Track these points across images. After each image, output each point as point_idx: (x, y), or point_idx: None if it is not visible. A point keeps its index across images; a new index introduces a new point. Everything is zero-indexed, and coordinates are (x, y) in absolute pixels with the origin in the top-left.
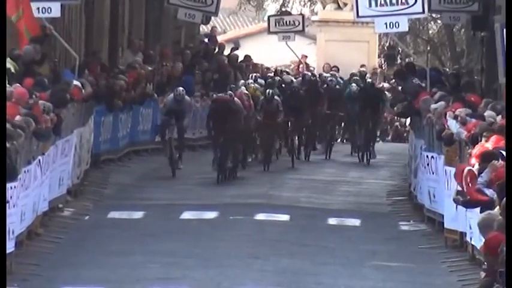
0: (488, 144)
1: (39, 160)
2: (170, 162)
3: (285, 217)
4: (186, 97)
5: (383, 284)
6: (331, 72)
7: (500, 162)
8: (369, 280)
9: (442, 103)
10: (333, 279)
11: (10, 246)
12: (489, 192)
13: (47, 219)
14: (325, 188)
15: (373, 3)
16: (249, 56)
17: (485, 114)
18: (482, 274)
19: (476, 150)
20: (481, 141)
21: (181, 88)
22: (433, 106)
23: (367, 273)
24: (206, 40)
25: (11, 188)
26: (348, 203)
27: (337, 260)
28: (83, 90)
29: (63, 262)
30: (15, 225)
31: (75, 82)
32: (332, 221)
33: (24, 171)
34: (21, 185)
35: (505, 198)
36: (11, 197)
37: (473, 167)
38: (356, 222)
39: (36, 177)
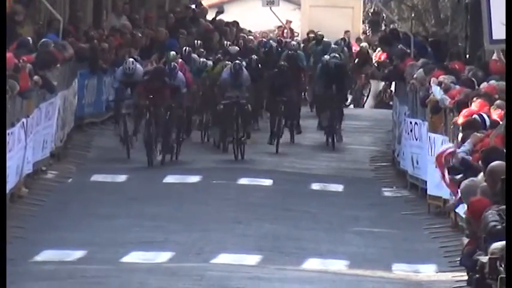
0: (473, 107)
1: (23, 122)
2: (124, 141)
3: (268, 182)
4: (139, 67)
5: (365, 250)
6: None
7: (482, 132)
8: (351, 246)
9: (421, 70)
10: (315, 244)
11: None
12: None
13: (31, 182)
14: (308, 154)
15: None
16: (237, 22)
17: (497, 102)
18: (465, 240)
19: (462, 115)
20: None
21: (131, 59)
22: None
23: (349, 239)
24: (193, 6)
25: None
26: (331, 168)
27: (320, 225)
28: (65, 52)
29: (46, 225)
30: None
31: (54, 44)
32: (315, 186)
33: (8, 134)
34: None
35: (488, 166)
36: None
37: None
38: (339, 187)
39: (20, 139)
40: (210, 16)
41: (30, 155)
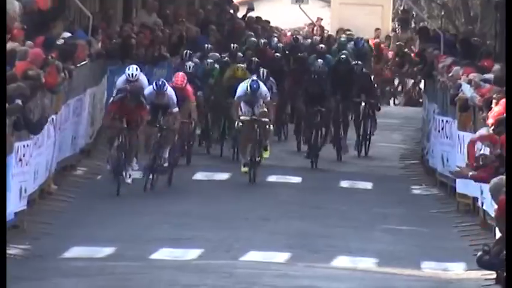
0: (499, 107)
1: (53, 119)
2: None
3: (296, 179)
4: (143, 77)
5: (394, 248)
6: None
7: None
8: (380, 243)
9: (457, 68)
10: (344, 242)
11: (22, 205)
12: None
13: (60, 178)
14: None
15: None
16: (268, 21)
17: None
18: (497, 235)
19: (491, 114)
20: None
21: (135, 66)
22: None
23: (378, 237)
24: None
25: (24, 146)
26: (360, 166)
27: (349, 222)
28: (91, 48)
29: (75, 221)
30: (28, 183)
31: (81, 40)
32: (344, 183)
33: None
34: (35, 144)
35: None
36: (23, 155)
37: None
38: (368, 185)
39: (50, 136)
40: (240, 14)
41: (59, 151)
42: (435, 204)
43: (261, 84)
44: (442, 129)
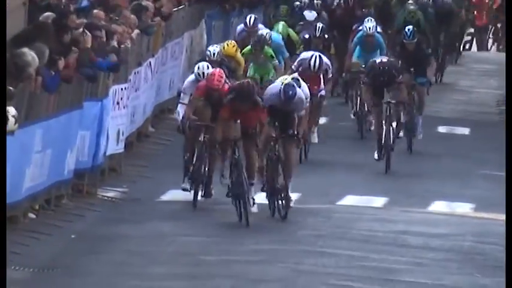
0: None
1: (150, 62)
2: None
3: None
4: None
5: (491, 193)
6: None
7: None
8: (477, 189)
9: None
10: (441, 187)
11: (120, 148)
12: None
13: (157, 121)
14: (435, 97)
15: None
16: None
17: None
18: None
19: None
20: None
21: (205, 64)
22: None
23: (475, 182)
24: None
25: (122, 89)
26: (458, 111)
27: (446, 168)
28: None
29: (172, 164)
30: (125, 126)
31: None
32: (441, 129)
33: (134, 73)
34: (132, 87)
35: None
36: (121, 98)
37: None
38: (465, 130)
39: (147, 79)
40: None
41: (157, 94)
42: None
43: (298, 91)
44: None
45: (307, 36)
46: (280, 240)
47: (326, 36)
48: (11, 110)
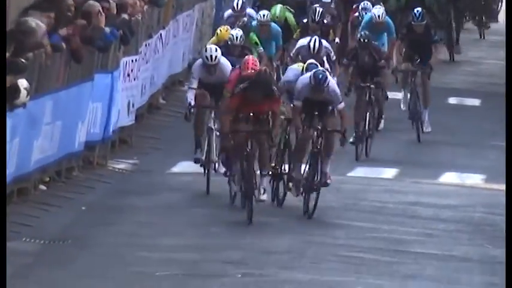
0: None
1: (160, 34)
2: (207, 174)
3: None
4: (223, 61)
5: (501, 164)
6: None
7: None
8: (488, 160)
9: None
10: (451, 158)
11: (130, 119)
12: None
13: (169, 93)
14: (445, 68)
15: None
16: None
17: None
18: None
19: None
20: None
21: (214, 46)
22: None
23: (486, 153)
24: None
25: (132, 61)
26: (468, 82)
27: (457, 139)
28: None
29: (183, 136)
30: (135, 98)
31: None
32: (452, 100)
33: (145, 45)
34: (142, 59)
35: None
36: (132, 70)
37: None
38: (476, 101)
39: (157, 50)
40: None
41: (168, 66)
42: None
43: (329, 80)
44: None
45: (305, 20)
46: (290, 212)
47: (325, 21)
48: (23, 83)
